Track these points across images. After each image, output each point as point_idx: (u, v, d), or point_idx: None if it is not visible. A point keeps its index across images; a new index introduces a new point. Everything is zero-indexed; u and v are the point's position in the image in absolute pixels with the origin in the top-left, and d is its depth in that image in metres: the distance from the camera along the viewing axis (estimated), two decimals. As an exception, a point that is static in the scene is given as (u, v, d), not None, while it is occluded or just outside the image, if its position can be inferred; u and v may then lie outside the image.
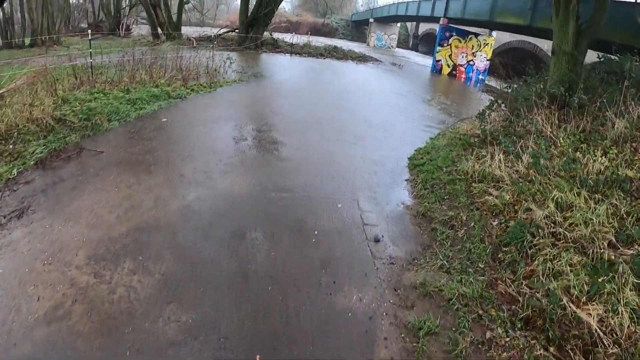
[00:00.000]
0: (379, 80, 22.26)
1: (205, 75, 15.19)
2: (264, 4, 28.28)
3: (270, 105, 13.01)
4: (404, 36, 67.87)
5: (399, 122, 12.76)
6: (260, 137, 9.62)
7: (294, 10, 76.74)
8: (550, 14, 19.08)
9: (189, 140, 8.97)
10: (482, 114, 10.60)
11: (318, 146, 9.53)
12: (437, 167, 8.30)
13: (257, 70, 19.09)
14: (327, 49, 31.48)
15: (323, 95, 15.38)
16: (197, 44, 25.70)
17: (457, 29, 32.21)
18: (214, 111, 11.34)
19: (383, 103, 15.25)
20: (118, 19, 41.61)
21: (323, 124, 11.29)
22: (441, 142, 10.27)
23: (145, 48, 20.66)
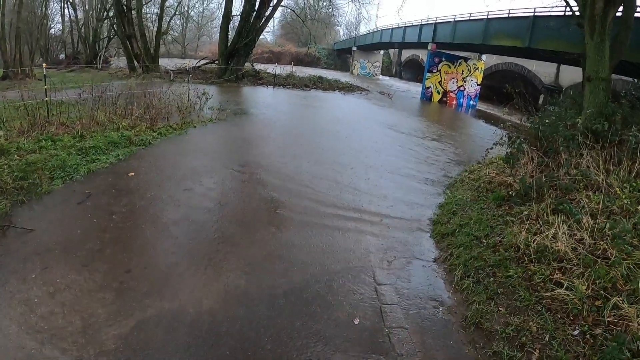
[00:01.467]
0: (371, 113, 20.48)
1: (178, 114, 13.27)
2: (244, 33, 26.81)
3: (251, 153, 10.81)
4: (387, 63, 67.38)
5: (406, 167, 10.96)
6: (244, 209, 7.30)
7: (276, 40, 75.91)
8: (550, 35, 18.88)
9: (138, 213, 6.82)
10: (510, 158, 8.81)
11: (316, 219, 7.19)
12: (473, 239, 6.34)
13: (238, 105, 17.15)
14: (311, 79, 29.99)
15: (314, 137, 13.09)
16: (175, 77, 24.09)
17: (446, 53, 31.47)
18: (180, 163, 9.25)
19: (382, 143, 13.34)
20: (96, 51, 40.49)
21: (318, 179, 9.10)
22: (464, 194, 8.42)
23: (119, 82, 18.91)
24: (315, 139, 12.66)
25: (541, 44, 19.93)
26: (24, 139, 9.17)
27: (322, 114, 18.28)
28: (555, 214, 6.28)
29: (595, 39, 8.85)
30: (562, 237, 5.57)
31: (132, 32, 29.82)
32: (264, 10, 27.17)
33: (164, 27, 35.95)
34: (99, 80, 16.94)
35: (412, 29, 35.41)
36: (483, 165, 10.57)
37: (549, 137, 8.64)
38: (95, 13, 41.57)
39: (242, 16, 27.16)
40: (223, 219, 6.80)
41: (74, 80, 19.00)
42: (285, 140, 12.34)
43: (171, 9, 41.28)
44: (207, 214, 6.89)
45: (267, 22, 29.23)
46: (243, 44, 27.01)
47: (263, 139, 12.20)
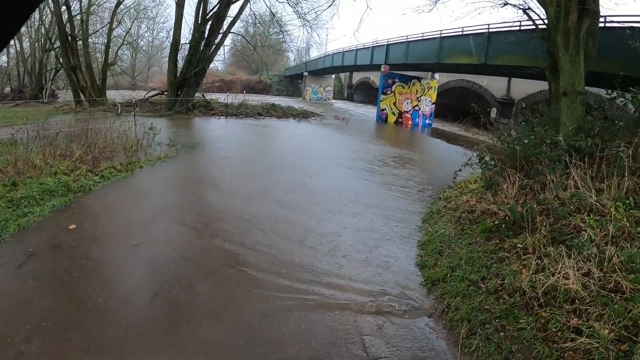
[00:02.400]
0: (328, 140, 19.76)
1: (123, 152, 12.08)
2: (194, 62, 25.88)
3: (205, 197, 9.48)
4: (338, 87, 67.70)
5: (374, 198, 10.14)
6: (203, 269, 5.99)
7: (227, 68, 75.05)
8: (507, 50, 18.71)
9: (79, 281, 5.53)
10: (492, 184, 8.17)
11: (288, 270, 6.16)
12: (469, 284, 5.52)
13: (189, 140, 16.04)
14: (264, 107, 29.25)
15: (271, 173, 11.80)
16: (122, 110, 22.89)
17: (399, 74, 31.56)
18: (125, 213, 8.02)
19: (345, 173, 12.41)
20: (42, 84, 38.72)
21: (280, 222, 7.97)
22: (446, 228, 7.66)
23: (63, 117, 17.61)
24: (274, 175, 11.53)
25: (498, 60, 19.89)
26: None
27: (278, 144, 17.41)
28: (554, 244, 5.64)
29: (571, 52, 8.53)
30: (571, 273, 4.86)
31: (77, 64, 28.36)
32: (213, 37, 26.37)
33: (111, 58, 34.49)
34: (42, 116, 15.67)
35: (364, 51, 35.31)
36: (457, 191, 9.93)
37: (530, 157, 8.07)
38: (41, 44, 39.82)
39: (191, 44, 26.25)
40: (179, 282, 5.59)
41: (18, 116, 17.64)
42: (241, 178, 11.14)
43: (119, 38, 39.77)
44: (159, 276, 5.69)
45: (217, 50, 28.45)
46: (193, 74, 26.03)
47: (217, 179, 11.08)
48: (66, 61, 28.59)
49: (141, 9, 41.94)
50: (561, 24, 8.71)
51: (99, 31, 38.62)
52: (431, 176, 12.86)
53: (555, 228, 5.98)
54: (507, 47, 18.37)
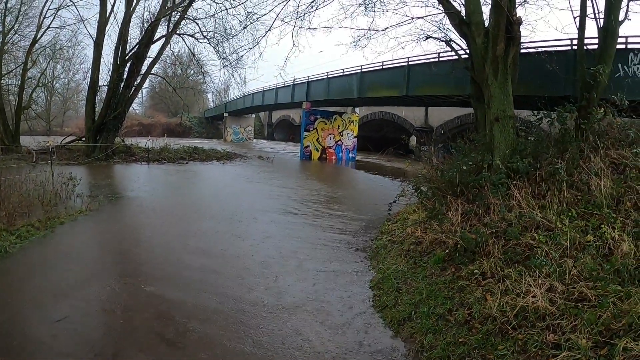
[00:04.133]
0: (255, 182, 19.33)
1: (41, 206, 10.97)
2: (112, 106, 24.81)
3: (131, 255, 8.47)
4: (258, 126, 68.20)
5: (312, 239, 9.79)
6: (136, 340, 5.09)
7: (145, 111, 73.36)
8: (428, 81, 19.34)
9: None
10: (437, 213, 8.11)
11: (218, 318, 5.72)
12: (438, 318, 5.25)
13: (111, 189, 15.08)
14: (187, 151, 28.61)
15: (199, 222, 10.99)
16: (38, 158, 21.47)
17: (320, 110, 32.12)
18: (47, 279, 6.94)
19: (274, 218, 11.89)
20: None
21: (211, 284, 7.00)
22: (397, 263, 7.44)
23: None
24: (202, 224, 10.78)
25: (419, 91, 20.56)
26: None
27: (204, 190, 16.62)
28: (511, 265, 5.68)
29: (500, 79, 8.85)
30: (536, 291, 4.84)
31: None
32: (133, 79, 25.47)
33: (25, 101, 32.45)
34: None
35: (284, 89, 35.56)
36: (399, 224, 9.81)
37: (469, 183, 8.13)
38: None
39: (109, 86, 25.18)
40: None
41: None
42: (168, 231, 10.25)
43: (33, 80, 37.59)
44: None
45: (137, 92, 27.58)
46: (112, 117, 24.90)
47: (143, 233, 10.29)
48: None
49: (57, 49, 39.94)
50: (490, 53, 9.04)
51: (13, 72, 36.36)
52: (365, 210, 12.71)
53: (509, 249, 6.04)
54: (428, 78, 19.05)
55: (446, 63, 16.62)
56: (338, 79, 27.77)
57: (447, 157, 10.54)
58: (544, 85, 11.98)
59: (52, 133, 52.81)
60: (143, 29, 25.91)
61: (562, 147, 7.79)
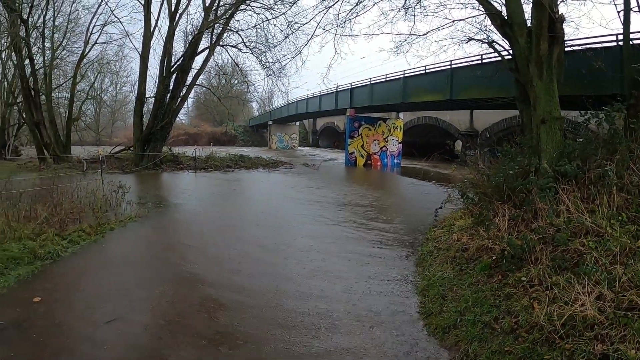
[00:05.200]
0: (301, 189, 19.19)
1: (92, 213, 11.34)
2: (159, 116, 25.56)
3: (181, 260, 8.40)
4: (303, 134, 68.43)
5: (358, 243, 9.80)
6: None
7: (191, 121, 74.98)
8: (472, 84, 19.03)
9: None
10: (484, 219, 7.93)
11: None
12: (483, 326, 5.14)
13: (159, 197, 15.46)
14: (232, 159, 29.13)
15: (248, 230, 11.00)
16: (88, 167, 22.24)
17: (364, 117, 32.01)
18: (97, 282, 7.15)
19: (322, 220, 12.10)
20: (4, 140, 37.62)
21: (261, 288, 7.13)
22: (442, 270, 7.31)
23: (26, 175, 17.13)
24: (248, 232, 10.81)
25: (463, 94, 20.28)
26: None
27: (250, 198, 16.74)
28: (559, 272, 5.44)
29: (545, 80, 8.62)
30: (585, 299, 4.64)
31: (40, 119, 27.71)
32: (178, 90, 26.15)
33: (75, 113, 33.89)
34: (5, 173, 14.88)
35: (327, 96, 35.69)
36: (445, 230, 9.64)
37: (516, 188, 7.92)
38: (3, 98, 38.88)
39: (156, 98, 25.98)
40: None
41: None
42: (215, 237, 10.40)
43: (82, 93, 39.21)
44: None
45: (182, 103, 28.23)
46: (159, 127, 25.67)
47: (190, 239, 10.40)
48: (29, 116, 27.97)
49: (104, 63, 41.68)
50: (533, 54, 8.81)
51: (63, 85, 37.99)
52: (410, 216, 12.56)
53: (557, 255, 5.78)
54: (471, 80, 18.74)
55: (489, 65, 16.36)
56: (381, 84, 27.70)
57: (493, 161, 10.30)
58: (590, 84, 11.65)
59: (101, 143, 54.81)
60: (187, 41, 26.61)
61: (611, 148, 7.43)
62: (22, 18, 25.31)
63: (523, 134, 9.99)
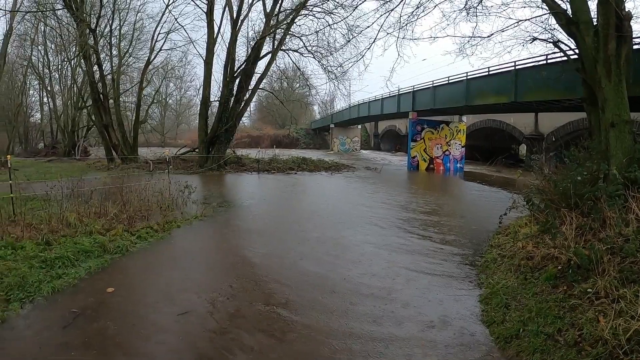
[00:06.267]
0: (365, 193, 18.77)
1: (159, 211, 11.80)
2: (224, 119, 26.35)
3: (246, 260, 8.54)
4: (364, 137, 68.38)
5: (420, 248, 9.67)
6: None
7: (253, 123, 76.57)
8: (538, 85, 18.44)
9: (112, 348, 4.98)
10: (550, 227, 7.65)
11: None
12: (545, 338, 4.95)
13: (223, 197, 15.85)
14: (295, 161, 29.34)
15: (312, 231, 10.97)
16: (154, 167, 23.13)
17: (427, 120, 31.61)
18: (167, 277, 7.41)
19: (385, 225, 11.89)
20: (74, 141, 39.97)
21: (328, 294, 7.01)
22: (506, 278, 7.10)
23: (95, 174, 18.24)
24: (312, 234, 10.71)
25: (528, 96, 19.66)
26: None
27: (314, 200, 16.61)
28: (627, 285, 5.15)
29: (614, 80, 8.27)
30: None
31: (109, 122, 29.38)
32: (242, 94, 26.81)
33: (142, 116, 35.73)
34: (76, 172, 15.73)
35: (390, 99, 35.49)
36: (509, 237, 9.35)
37: (584, 195, 7.60)
38: (74, 102, 41.40)
39: (221, 101, 26.80)
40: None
41: (51, 172, 17.71)
42: (279, 237, 10.53)
43: (149, 97, 41.42)
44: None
45: (246, 106, 28.98)
46: (223, 130, 26.48)
47: (255, 238, 10.48)
48: (98, 119, 29.67)
49: (169, 69, 43.39)
50: (601, 54, 8.47)
51: (130, 90, 40.13)
52: (474, 222, 12.24)
53: (625, 267, 5.49)
54: (536, 82, 18.24)
55: (555, 65, 15.84)
56: (444, 87, 27.30)
57: (559, 166, 9.94)
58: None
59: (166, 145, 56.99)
60: (249, 46, 27.28)
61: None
62: (91, 28, 26.95)
63: (591, 137, 9.60)
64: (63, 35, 36.06)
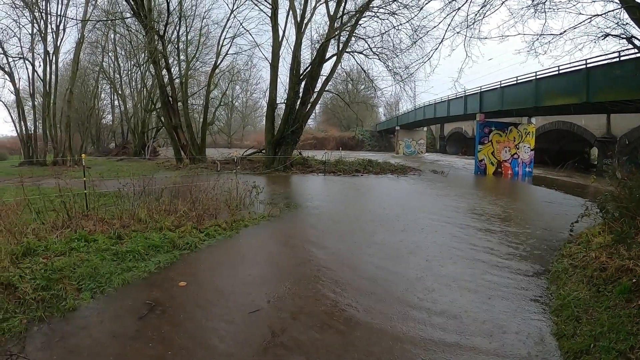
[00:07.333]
0: (433, 198, 18.13)
1: (227, 210, 12.03)
2: (290, 121, 26.70)
3: (315, 261, 8.49)
4: (430, 139, 67.34)
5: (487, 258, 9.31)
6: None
7: (318, 126, 77.10)
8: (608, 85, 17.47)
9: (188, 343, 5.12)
10: (626, 237, 7.17)
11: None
12: (617, 355, 4.66)
13: (290, 199, 15.96)
14: (361, 163, 29.09)
15: (381, 235, 10.67)
16: (222, 168, 23.64)
17: (495, 122, 30.61)
18: (236, 274, 7.54)
19: (452, 229, 11.58)
20: (144, 141, 41.74)
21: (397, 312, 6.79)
22: (578, 289, 6.74)
23: (165, 173, 18.84)
24: (378, 237, 10.54)
25: (602, 96, 18.63)
26: (55, 237, 8.18)
27: (380, 203, 16.09)
28: None
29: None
30: None
31: (178, 123, 30.45)
32: (308, 96, 27.05)
33: (209, 118, 36.93)
34: (146, 171, 16.29)
35: (456, 101, 34.72)
36: (582, 246, 8.85)
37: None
38: (143, 105, 43.24)
39: (287, 104, 27.19)
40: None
41: (122, 170, 18.52)
42: (345, 239, 10.35)
43: (216, 100, 42.65)
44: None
45: (312, 108, 29.19)
46: (290, 132, 26.82)
47: (322, 240, 10.33)
48: (167, 121, 30.72)
49: (235, 72, 44.41)
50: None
51: (197, 93, 41.50)
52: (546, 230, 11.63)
53: None
54: (609, 81, 17.34)
55: (629, 62, 15.05)
56: (512, 87, 26.39)
57: (634, 171, 9.27)
58: None
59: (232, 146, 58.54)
60: (314, 49, 27.64)
61: None
62: (159, 34, 27.98)
63: None
64: (132, 42, 37.94)
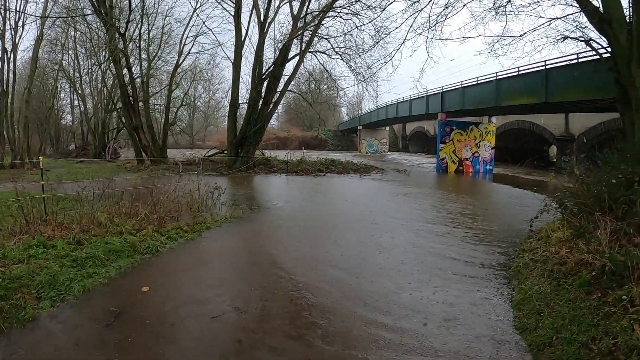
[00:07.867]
0: (396, 197, 18.07)
1: (189, 212, 11.88)
2: (252, 121, 26.57)
3: (277, 263, 8.36)
4: (392, 138, 68.17)
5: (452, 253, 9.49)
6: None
7: (281, 125, 77.04)
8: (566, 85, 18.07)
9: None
10: (584, 232, 7.46)
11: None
12: (580, 346, 4.81)
13: (253, 199, 15.85)
14: (324, 163, 29.24)
15: (343, 235, 10.67)
16: (184, 169, 23.41)
17: (456, 121, 31.26)
18: (198, 278, 7.43)
19: (418, 225, 11.80)
20: (105, 142, 41.04)
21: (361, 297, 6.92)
22: (539, 283, 6.93)
23: (126, 175, 18.55)
24: (343, 236, 10.58)
25: (559, 96, 19.22)
26: (13, 244, 7.91)
27: (344, 202, 16.33)
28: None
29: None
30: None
31: (139, 124, 30.02)
32: (270, 96, 27.04)
33: (171, 118, 36.53)
34: (106, 173, 16.02)
35: (418, 101, 35.23)
36: (542, 241, 9.11)
37: (619, 198, 7.38)
38: (104, 105, 42.47)
39: (249, 104, 27.09)
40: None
41: (82, 172, 18.17)
42: (308, 239, 10.39)
43: (177, 100, 42.30)
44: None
45: (275, 108, 29.19)
46: (252, 132, 26.70)
47: (284, 240, 10.30)
48: (128, 121, 30.37)
49: (197, 71, 44.12)
50: (635, 53, 8.30)
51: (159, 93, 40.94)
52: (505, 226, 11.93)
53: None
54: (567, 81, 17.96)
55: (587, 64, 15.59)
56: (473, 87, 26.96)
57: (592, 168, 9.64)
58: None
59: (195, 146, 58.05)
60: (277, 49, 27.63)
61: None
62: (120, 32, 27.48)
63: (624, 139, 9.35)
64: (93, 39, 36.98)
